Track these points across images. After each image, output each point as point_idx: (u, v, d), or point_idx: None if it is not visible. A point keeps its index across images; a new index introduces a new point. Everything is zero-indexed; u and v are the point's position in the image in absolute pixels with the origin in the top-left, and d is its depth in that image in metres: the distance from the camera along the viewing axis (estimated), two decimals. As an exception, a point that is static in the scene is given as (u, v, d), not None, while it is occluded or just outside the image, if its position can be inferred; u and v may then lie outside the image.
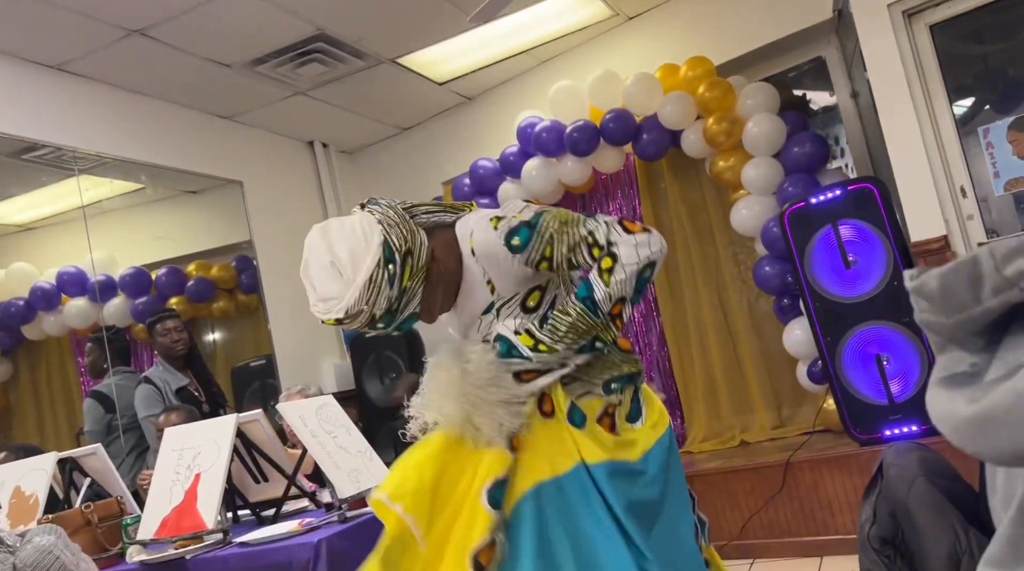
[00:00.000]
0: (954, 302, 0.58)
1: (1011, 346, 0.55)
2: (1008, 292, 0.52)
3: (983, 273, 0.53)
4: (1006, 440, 0.53)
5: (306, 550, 2.05)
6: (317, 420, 2.51)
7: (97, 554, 2.26)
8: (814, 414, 4.04)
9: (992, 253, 0.53)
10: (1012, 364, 0.52)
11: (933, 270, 0.60)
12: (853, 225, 3.45)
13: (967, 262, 0.55)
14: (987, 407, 0.52)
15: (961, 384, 0.57)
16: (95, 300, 4.41)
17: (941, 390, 0.59)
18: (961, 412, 0.55)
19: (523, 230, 1.48)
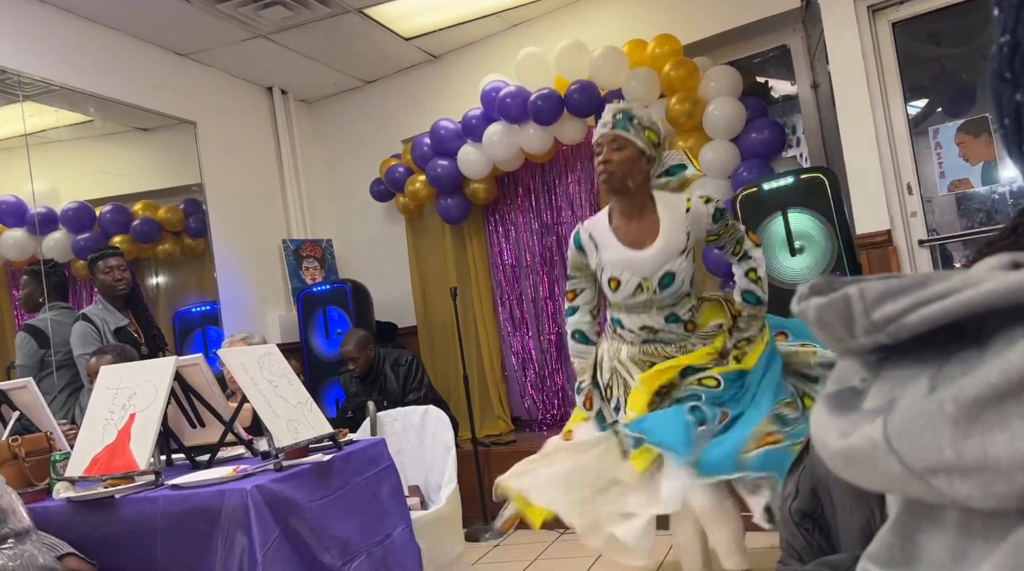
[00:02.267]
0: (831, 334, 0.60)
1: (889, 376, 0.57)
2: (875, 335, 0.53)
3: (853, 314, 0.54)
4: (866, 478, 0.55)
5: (239, 495, 2.04)
6: (259, 368, 2.49)
7: (23, 488, 2.22)
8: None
9: (862, 295, 0.54)
10: (887, 395, 0.54)
11: (813, 299, 0.62)
12: (802, 213, 3.53)
13: (839, 299, 0.56)
14: (849, 448, 0.55)
15: (841, 407, 0.59)
16: (34, 232, 4.27)
17: (824, 411, 0.61)
18: (831, 444, 0.57)
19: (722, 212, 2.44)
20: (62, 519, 2.16)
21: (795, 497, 1.31)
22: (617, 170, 2.34)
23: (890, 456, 0.47)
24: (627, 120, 2.35)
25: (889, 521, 0.61)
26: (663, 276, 2.36)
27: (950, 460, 0.44)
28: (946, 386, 0.45)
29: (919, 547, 0.54)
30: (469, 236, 5.15)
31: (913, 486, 0.47)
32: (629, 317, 2.46)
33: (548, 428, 4.87)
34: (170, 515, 2.10)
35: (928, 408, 0.45)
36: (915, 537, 0.55)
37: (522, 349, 5.08)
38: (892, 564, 0.58)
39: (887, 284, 0.50)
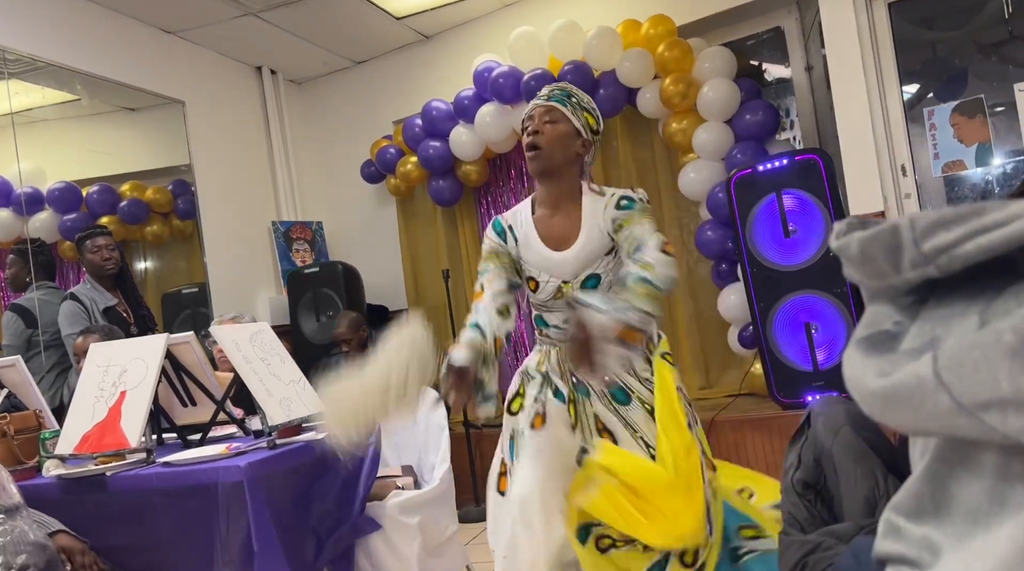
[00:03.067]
0: (873, 269, 0.58)
1: (930, 316, 0.55)
2: (925, 267, 0.51)
3: (902, 244, 0.52)
4: (908, 418, 0.54)
5: (233, 473, 2.03)
6: (251, 346, 2.46)
7: (12, 466, 2.19)
8: (741, 377, 4.16)
9: (913, 224, 0.52)
10: (928, 335, 0.52)
11: (856, 233, 0.60)
12: (796, 195, 3.52)
13: (887, 230, 0.54)
14: (892, 386, 0.53)
15: (878, 348, 0.57)
16: (20, 212, 4.21)
17: (857, 353, 0.60)
18: (869, 384, 0.55)
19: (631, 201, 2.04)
20: (52, 497, 2.14)
21: (797, 467, 1.31)
22: (547, 146, 2.03)
23: (939, 391, 0.45)
24: (565, 96, 2.09)
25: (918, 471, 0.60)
26: (586, 278, 2.05)
27: (1007, 393, 0.42)
28: (1001, 318, 0.44)
29: (950, 495, 0.53)
30: (461, 218, 5.12)
31: (962, 422, 0.46)
32: (552, 314, 2.12)
33: (539, 411, 4.87)
34: (165, 492, 2.08)
35: (984, 340, 0.44)
36: (947, 485, 0.54)
37: (513, 332, 5.06)
38: (920, 514, 0.57)
39: (940, 214, 0.48)
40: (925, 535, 0.57)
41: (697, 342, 4.48)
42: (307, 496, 2.29)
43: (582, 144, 2.08)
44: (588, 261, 2.04)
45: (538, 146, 2.04)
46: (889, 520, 0.65)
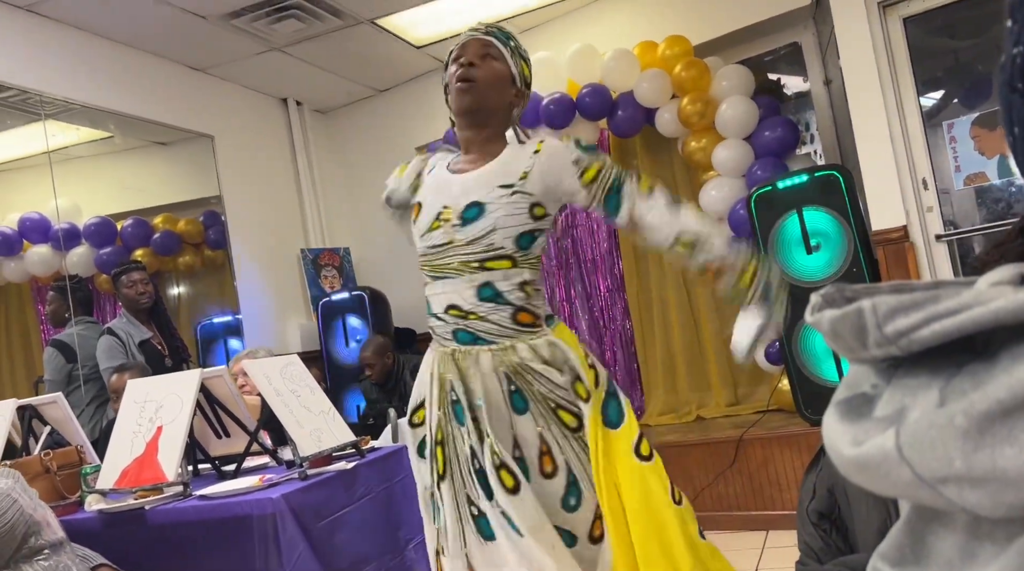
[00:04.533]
0: (844, 345, 0.61)
1: (900, 384, 0.58)
2: (888, 347, 0.55)
3: (867, 327, 0.56)
4: (879, 486, 0.57)
5: (266, 505, 2.08)
6: (281, 379, 2.53)
7: (55, 501, 2.27)
8: (769, 394, 4.15)
9: (875, 309, 0.56)
10: (897, 403, 0.55)
11: (826, 311, 0.63)
12: (817, 211, 3.53)
13: (852, 313, 0.58)
14: (863, 456, 0.56)
15: (853, 413, 0.60)
16: (58, 248, 4.35)
17: (835, 417, 0.63)
18: (844, 451, 0.59)
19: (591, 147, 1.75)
20: (94, 531, 2.21)
21: (812, 498, 1.33)
22: (483, 81, 1.74)
23: (902, 465, 0.49)
24: (505, 37, 1.82)
25: (900, 521, 0.63)
26: (468, 205, 1.72)
27: (960, 471, 0.46)
28: (956, 399, 0.47)
29: (929, 547, 0.56)
30: (485, 241, 5.17)
31: (924, 494, 0.49)
32: (435, 290, 1.80)
33: (568, 430, 4.89)
34: (202, 524, 2.14)
35: (939, 420, 0.47)
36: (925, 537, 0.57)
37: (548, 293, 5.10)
38: (903, 563, 0.60)
39: (899, 299, 0.52)
40: None
41: (724, 359, 4.47)
42: (347, 523, 2.34)
43: (516, 94, 1.82)
44: (480, 185, 1.73)
45: (471, 79, 1.74)
46: (876, 567, 0.69)
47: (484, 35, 1.81)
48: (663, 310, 4.63)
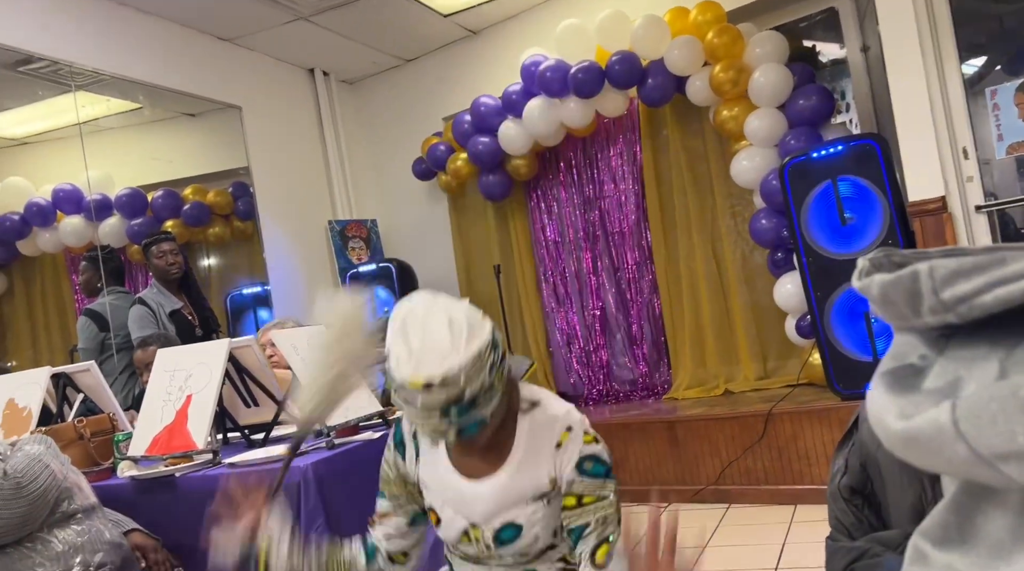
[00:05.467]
0: (894, 311, 0.58)
1: (954, 355, 0.55)
2: (944, 314, 0.52)
3: (921, 292, 0.53)
4: (929, 461, 0.54)
5: (294, 474, 2.10)
6: (308, 349, 2.54)
7: (88, 467, 2.31)
8: (799, 367, 4.10)
9: (932, 273, 0.52)
10: (951, 375, 0.52)
11: (877, 275, 0.60)
12: (852, 182, 3.45)
13: (907, 277, 0.54)
14: (912, 430, 0.53)
15: (901, 385, 0.57)
16: (90, 218, 4.40)
17: (881, 389, 0.60)
18: (891, 424, 0.56)
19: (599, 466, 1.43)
20: (126, 497, 2.24)
21: (844, 473, 1.30)
22: (481, 436, 1.37)
23: (958, 441, 0.46)
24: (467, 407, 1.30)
25: (945, 499, 0.60)
26: (502, 527, 1.46)
27: (1023, 447, 0.43)
28: (1020, 371, 0.44)
29: (976, 526, 0.53)
30: (511, 213, 5.15)
31: (980, 471, 0.46)
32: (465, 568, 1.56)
33: (594, 403, 4.88)
34: (229, 492, 2.17)
35: (1000, 393, 0.44)
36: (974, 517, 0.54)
37: (566, 325, 5.08)
38: (947, 542, 0.58)
39: (959, 262, 0.49)
40: (950, 564, 0.57)
41: (754, 332, 4.42)
42: (367, 494, 2.36)
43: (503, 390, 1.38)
44: (510, 502, 1.45)
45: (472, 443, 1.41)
46: (916, 546, 0.66)
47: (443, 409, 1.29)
48: (692, 283, 4.58)
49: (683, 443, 3.89)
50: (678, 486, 3.89)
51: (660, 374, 4.81)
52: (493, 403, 1.33)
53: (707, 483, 3.78)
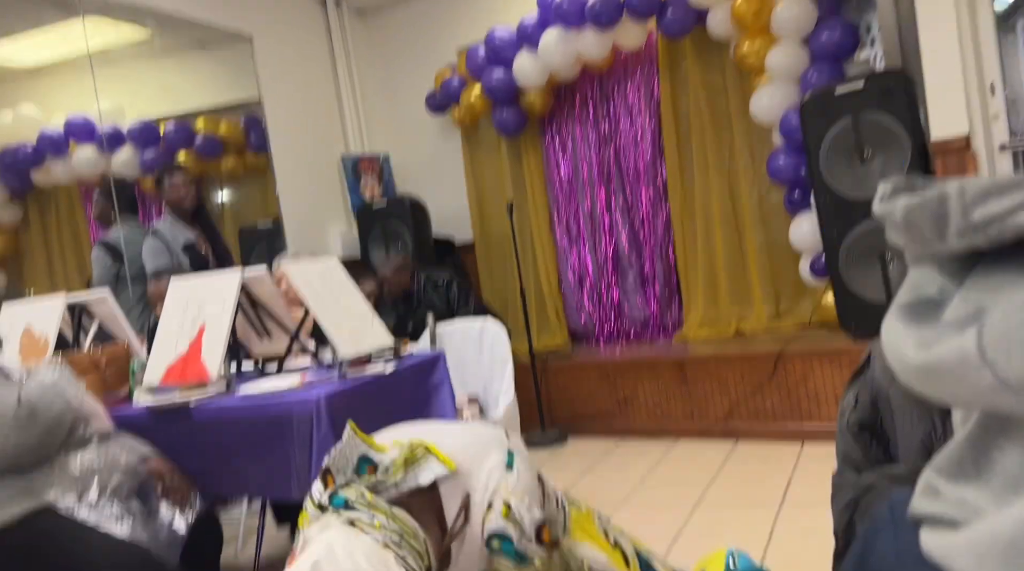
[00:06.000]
0: (917, 236, 0.55)
1: (976, 284, 0.53)
2: (972, 237, 0.49)
3: (949, 213, 0.50)
4: (948, 392, 0.52)
5: (307, 404, 2.13)
6: (321, 282, 2.54)
7: (104, 395, 2.34)
8: (812, 308, 4.08)
9: (962, 193, 0.50)
10: (973, 305, 0.50)
11: (901, 199, 0.57)
12: (874, 119, 3.37)
13: (934, 198, 0.52)
14: (933, 359, 0.51)
15: (919, 316, 0.55)
16: (103, 149, 4.38)
17: (898, 321, 0.58)
18: (909, 355, 0.54)
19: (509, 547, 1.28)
20: (142, 424, 2.28)
21: (854, 409, 1.29)
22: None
23: (982, 368, 0.44)
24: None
25: (960, 434, 0.60)
26: None
27: None
28: None
29: (991, 461, 0.53)
30: (525, 149, 5.08)
31: (1004, 400, 0.45)
32: None
33: (605, 342, 4.90)
34: (244, 421, 2.20)
35: None
36: (989, 452, 0.53)
37: (578, 263, 5.06)
38: (961, 476, 0.57)
39: (992, 181, 0.47)
40: (962, 497, 0.57)
41: (767, 272, 4.39)
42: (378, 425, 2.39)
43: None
44: None
45: None
46: (928, 480, 0.66)
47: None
48: (707, 222, 4.53)
49: (692, 382, 3.92)
50: (686, 423, 3.92)
51: (672, 314, 4.81)
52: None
53: (715, 420, 3.81)
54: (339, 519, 1.20)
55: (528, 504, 1.28)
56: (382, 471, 1.29)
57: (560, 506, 1.45)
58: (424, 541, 1.22)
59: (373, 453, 1.31)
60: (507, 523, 1.25)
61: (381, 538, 1.18)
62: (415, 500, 1.27)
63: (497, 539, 1.27)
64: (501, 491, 1.28)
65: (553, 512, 1.41)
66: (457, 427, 1.49)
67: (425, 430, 1.40)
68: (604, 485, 3.39)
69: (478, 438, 1.38)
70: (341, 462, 1.31)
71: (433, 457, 1.30)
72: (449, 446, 1.33)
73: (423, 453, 1.31)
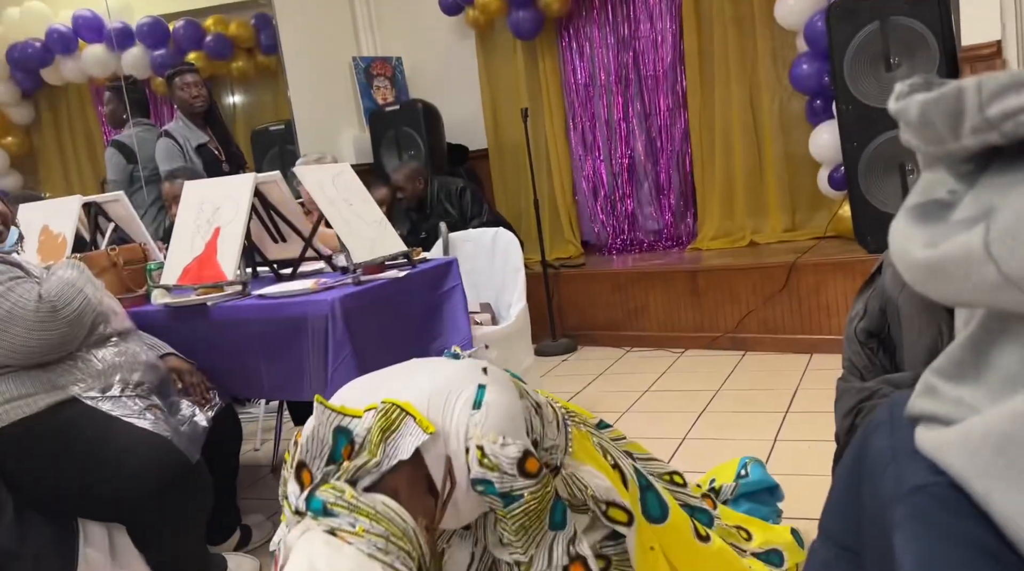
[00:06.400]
0: (931, 134, 0.55)
1: (988, 184, 0.52)
2: (987, 133, 0.48)
3: (965, 109, 0.49)
4: (952, 290, 0.52)
5: (321, 307, 2.16)
6: (334, 186, 2.54)
7: (122, 294, 2.38)
8: (828, 220, 4.05)
9: (980, 88, 0.49)
10: (983, 205, 0.50)
11: (917, 95, 0.56)
12: (903, 23, 3.25)
13: (951, 94, 0.51)
14: (939, 257, 0.51)
15: (928, 217, 0.55)
16: (112, 48, 4.32)
17: (907, 221, 0.58)
18: (915, 254, 0.54)
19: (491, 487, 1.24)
20: (160, 323, 2.33)
21: (863, 317, 1.31)
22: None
23: (987, 263, 0.45)
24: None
25: (960, 337, 0.60)
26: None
27: None
28: None
29: (990, 361, 0.54)
30: (541, 54, 4.96)
31: (1007, 296, 0.45)
32: None
33: (618, 253, 4.90)
34: (260, 322, 2.25)
35: None
36: (989, 351, 0.54)
37: (593, 173, 5.01)
38: (960, 377, 0.58)
39: (1011, 75, 0.46)
40: (959, 398, 0.58)
41: (785, 182, 4.34)
42: (391, 330, 2.43)
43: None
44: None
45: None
46: (927, 380, 0.67)
47: None
48: (726, 131, 4.45)
49: (704, 292, 3.93)
50: (696, 333, 3.96)
51: (686, 225, 4.79)
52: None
53: (724, 331, 3.85)
54: (319, 527, 1.12)
55: (502, 442, 1.21)
56: (359, 452, 1.21)
57: (562, 427, 1.43)
58: (413, 532, 1.16)
59: (348, 421, 1.24)
60: (483, 469, 1.21)
61: (365, 547, 1.11)
62: (400, 475, 1.21)
63: (480, 484, 1.24)
64: (473, 435, 1.22)
65: (552, 435, 1.39)
66: (427, 370, 1.36)
67: (398, 385, 1.30)
68: (612, 392, 3.46)
69: (448, 381, 1.29)
70: (315, 447, 1.23)
71: (410, 420, 1.22)
72: (421, 397, 1.26)
73: (399, 417, 1.23)
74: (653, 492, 1.51)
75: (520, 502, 1.22)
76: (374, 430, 1.21)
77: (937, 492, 0.52)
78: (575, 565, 1.27)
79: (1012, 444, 0.47)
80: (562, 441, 1.42)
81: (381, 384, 1.34)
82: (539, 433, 1.36)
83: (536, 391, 1.48)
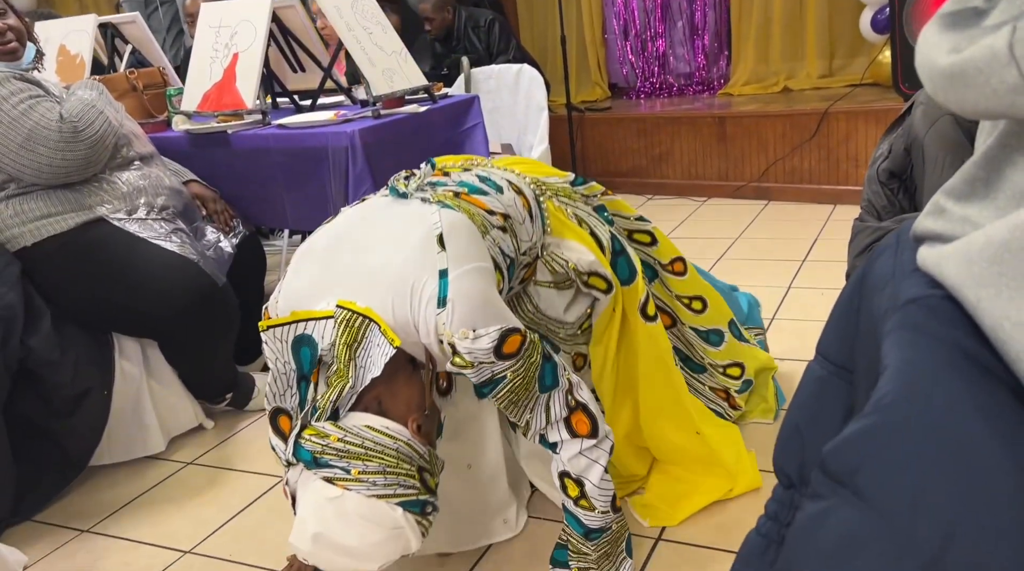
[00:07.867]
0: None
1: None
2: None
3: None
4: (971, 96, 0.51)
5: (342, 137, 2.15)
6: (353, 13, 2.45)
7: (143, 119, 2.38)
8: (866, 65, 3.89)
9: None
10: (1016, 9, 0.47)
11: None
12: None
13: None
14: (962, 62, 0.49)
15: (959, 23, 0.52)
16: None
17: (937, 28, 0.55)
18: (939, 61, 0.52)
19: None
20: (181, 149, 2.34)
21: (887, 158, 1.28)
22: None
23: (1009, 66, 0.44)
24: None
25: (975, 156, 0.60)
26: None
27: None
28: None
29: (1004, 178, 0.53)
30: None
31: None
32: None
33: (646, 97, 4.76)
34: (281, 151, 2.25)
35: None
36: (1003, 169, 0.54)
37: (624, 10, 4.77)
38: (970, 196, 0.58)
39: None
40: (966, 216, 0.58)
41: (825, 24, 4.12)
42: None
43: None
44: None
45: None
46: (937, 201, 0.67)
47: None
48: (767, -33, 4.19)
49: (731, 139, 3.85)
50: (720, 182, 3.92)
51: (719, 68, 4.61)
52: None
53: (749, 179, 3.80)
54: (315, 476, 1.10)
55: (473, 336, 1.15)
56: (329, 375, 1.15)
57: (536, 213, 1.42)
58: (407, 445, 1.14)
59: (304, 327, 1.17)
60: (458, 368, 1.17)
61: (365, 490, 1.09)
62: (380, 386, 1.16)
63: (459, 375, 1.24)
64: (444, 333, 1.16)
65: (528, 233, 1.39)
66: (377, 246, 1.23)
67: (349, 277, 1.20)
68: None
69: (406, 274, 1.17)
70: (281, 384, 1.21)
71: (375, 328, 1.14)
72: (383, 304, 1.16)
73: (363, 325, 1.14)
74: (625, 256, 1.54)
75: (504, 383, 1.19)
76: (340, 346, 1.13)
77: (930, 303, 0.53)
78: (576, 414, 1.26)
79: (1007, 252, 0.48)
80: (539, 228, 1.42)
81: (328, 270, 1.23)
82: (513, 248, 1.33)
83: (505, 170, 1.48)
